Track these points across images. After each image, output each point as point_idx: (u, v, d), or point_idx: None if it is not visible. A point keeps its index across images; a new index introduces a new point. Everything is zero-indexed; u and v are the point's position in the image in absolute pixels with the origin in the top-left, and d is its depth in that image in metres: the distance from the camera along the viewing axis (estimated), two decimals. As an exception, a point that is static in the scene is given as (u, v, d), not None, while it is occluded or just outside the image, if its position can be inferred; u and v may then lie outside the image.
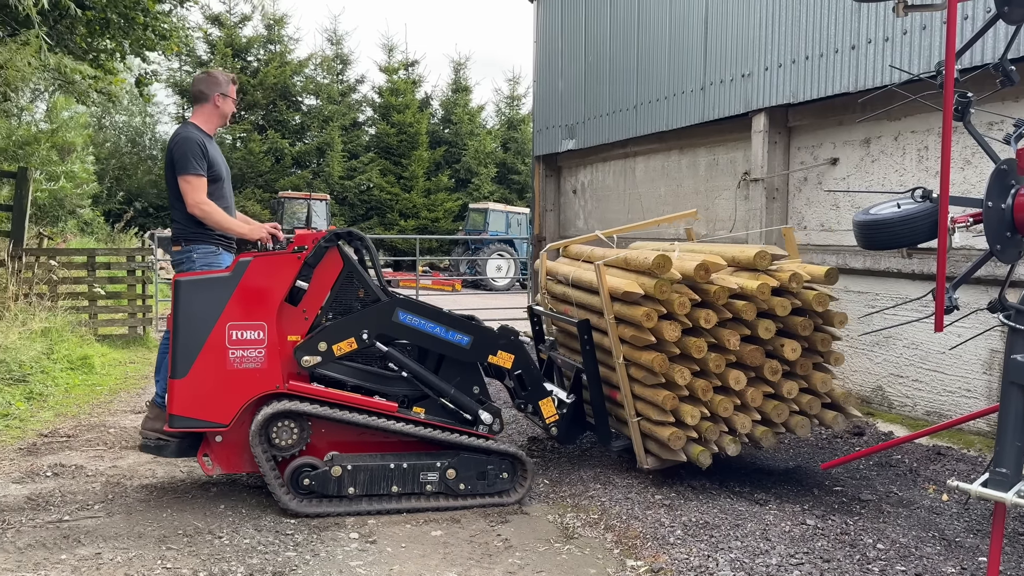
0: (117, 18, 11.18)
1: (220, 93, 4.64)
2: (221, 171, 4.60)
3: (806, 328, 4.45)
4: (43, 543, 3.65)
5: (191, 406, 4.07)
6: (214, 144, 4.65)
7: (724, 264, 4.51)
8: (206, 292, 4.10)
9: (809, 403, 4.53)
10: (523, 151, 32.59)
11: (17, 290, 8.80)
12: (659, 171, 9.60)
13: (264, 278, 4.14)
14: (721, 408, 4.39)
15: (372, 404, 4.22)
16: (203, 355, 4.07)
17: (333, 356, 4.21)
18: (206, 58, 28.04)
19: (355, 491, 4.19)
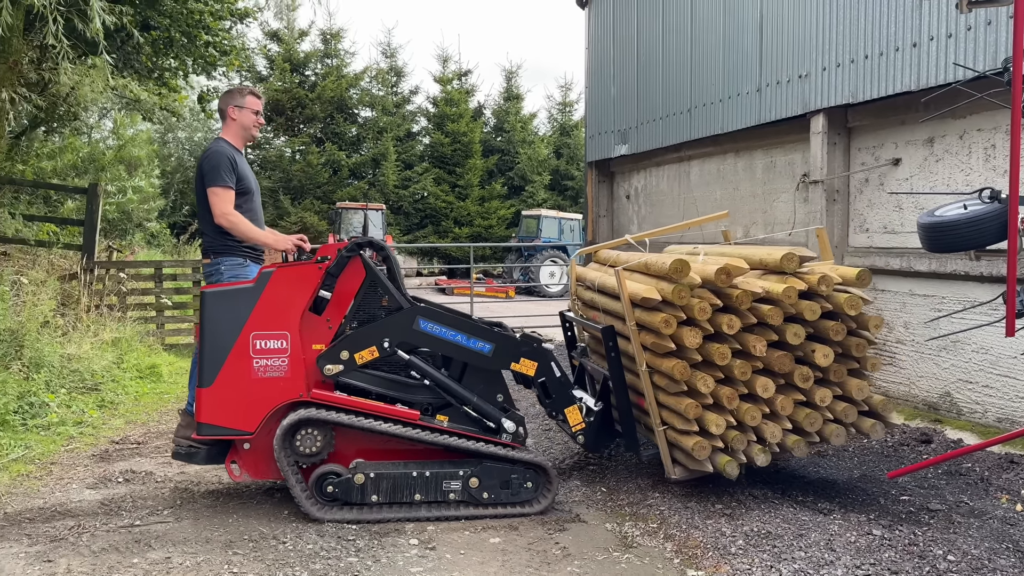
0: (180, 36, 11.55)
1: (234, 105, 4.68)
2: (250, 185, 4.66)
3: (838, 333, 4.29)
4: (116, 547, 3.78)
5: (217, 414, 4.16)
6: (243, 158, 4.72)
7: (746, 268, 4.35)
8: (231, 303, 4.18)
9: (844, 411, 4.36)
10: (576, 157, 32.54)
11: (89, 302, 9.14)
12: (715, 174, 9.49)
13: (286, 289, 4.21)
14: (748, 416, 4.23)
15: (394, 412, 4.25)
16: (228, 364, 4.15)
17: (355, 364, 4.25)
18: (266, 73, 28.73)
19: (378, 499, 4.23)
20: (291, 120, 28.58)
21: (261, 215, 4.82)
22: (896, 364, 6.80)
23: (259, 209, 4.80)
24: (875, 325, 4.33)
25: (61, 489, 4.68)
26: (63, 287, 9.11)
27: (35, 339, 6.98)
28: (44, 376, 6.66)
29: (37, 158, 15.03)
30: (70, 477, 4.93)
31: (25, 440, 5.57)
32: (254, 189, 4.72)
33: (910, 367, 6.66)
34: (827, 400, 4.31)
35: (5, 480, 4.80)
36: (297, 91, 28.14)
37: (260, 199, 4.88)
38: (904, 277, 6.71)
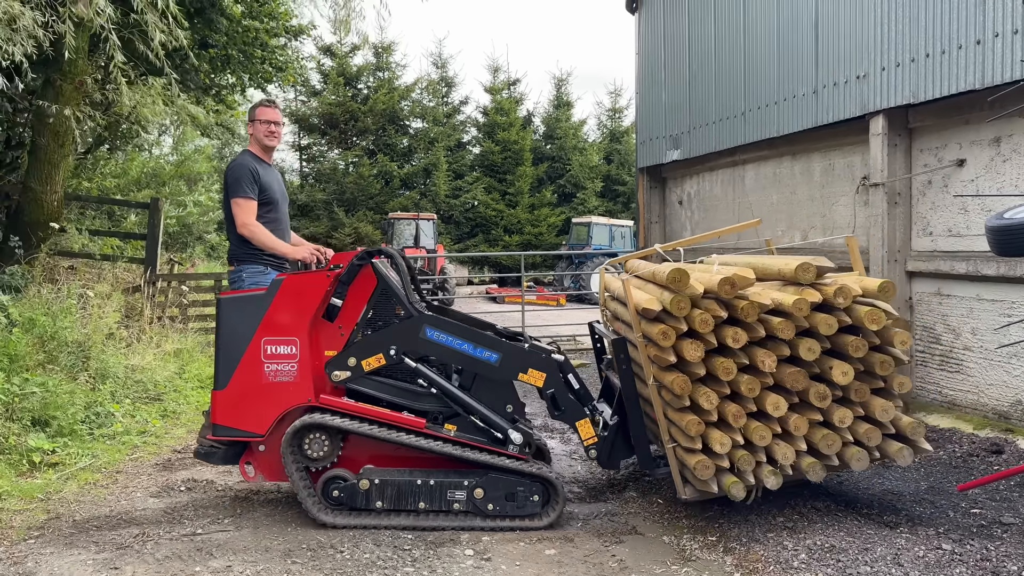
0: (237, 54, 11.85)
1: (249, 120, 4.84)
2: (274, 195, 4.74)
3: (858, 349, 3.97)
4: (179, 555, 3.85)
5: (231, 416, 4.30)
6: (269, 170, 4.80)
7: (752, 278, 4.03)
8: (244, 309, 4.32)
9: (867, 433, 4.03)
10: (627, 163, 32.35)
11: (152, 314, 9.40)
12: (770, 178, 9.32)
13: (296, 296, 4.30)
14: (756, 435, 3.97)
15: (400, 419, 4.28)
16: (241, 368, 4.28)
17: (363, 371, 4.31)
18: (319, 87, 29.25)
19: (383, 505, 4.27)
20: (344, 133, 29.04)
21: (286, 224, 4.90)
22: (964, 372, 6.57)
23: (284, 218, 4.87)
24: (901, 341, 3.96)
25: (126, 497, 4.80)
26: (127, 300, 9.38)
27: (101, 351, 7.20)
28: (109, 387, 6.85)
29: (101, 175, 15.54)
30: (134, 486, 5.06)
31: (92, 449, 5.73)
32: (279, 199, 4.80)
33: (978, 375, 6.42)
34: (847, 421, 4.00)
35: (74, 488, 4.95)
36: (350, 104, 28.59)
37: (287, 209, 4.96)
38: (971, 282, 6.48)
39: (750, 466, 4.01)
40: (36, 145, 9.26)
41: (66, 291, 7.99)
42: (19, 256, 8.60)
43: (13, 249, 8.71)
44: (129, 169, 18.02)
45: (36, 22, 6.37)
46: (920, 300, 7.00)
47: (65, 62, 8.58)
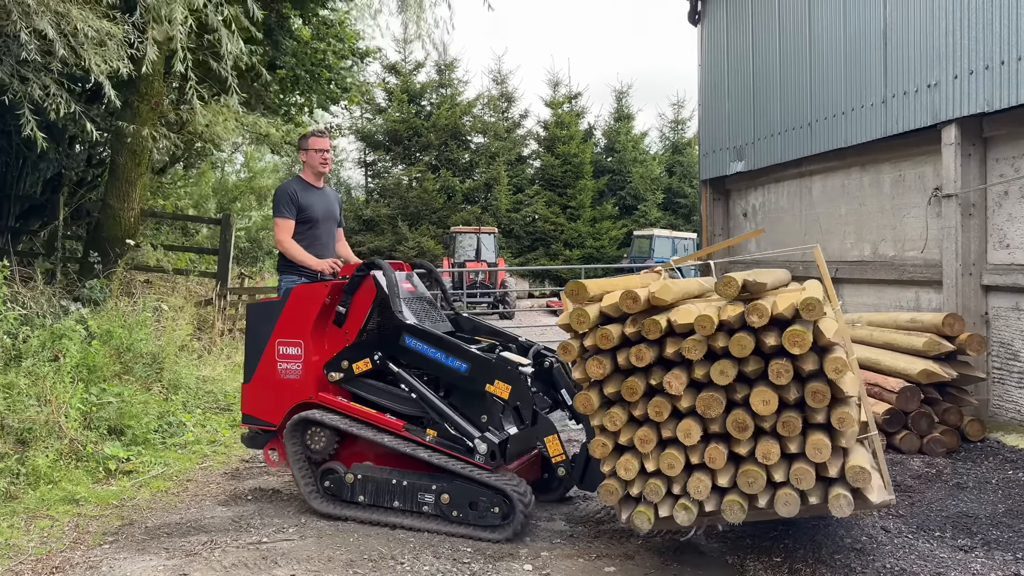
0: (304, 74, 12.19)
1: (302, 148, 5.34)
2: (314, 215, 5.23)
3: (780, 375, 3.42)
4: (245, 563, 3.95)
5: (254, 407, 4.89)
6: (315, 192, 5.30)
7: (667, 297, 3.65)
8: (264, 313, 4.89)
9: (797, 474, 3.44)
10: (689, 175, 32.01)
11: (222, 326, 9.69)
12: (838, 190, 9.10)
13: (301, 302, 4.78)
14: (665, 464, 3.58)
15: (381, 420, 4.54)
16: (261, 365, 4.84)
17: (353, 374, 4.63)
18: (384, 105, 29.82)
19: (364, 500, 4.56)
20: (408, 149, 29.51)
21: (325, 240, 5.35)
22: (1046, 390, 6.27)
23: (324, 236, 5.34)
24: (835, 369, 3.37)
25: (196, 505, 4.95)
26: (199, 312, 9.69)
27: (174, 362, 7.45)
28: (181, 397, 7.08)
29: (176, 193, 16.13)
30: (204, 494, 5.21)
31: (164, 458, 5.93)
32: (319, 218, 5.27)
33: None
34: (771, 457, 3.45)
35: (146, 495, 5.12)
36: (414, 120, 29.06)
37: (332, 227, 5.44)
38: (1053, 295, 6.20)
39: (657, 497, 3.64)
40: (115, 164, 9.67)
41: (142, 304, 8.30)
42: (98, 271, 8.98)
43: (93, 264, 9.10)
44: (202, 186, 18.65)
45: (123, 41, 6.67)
46: (997, 315, 6.72)
47: (142, 83, 8.96)
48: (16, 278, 7.51)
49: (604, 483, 3.77)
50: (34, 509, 4.69)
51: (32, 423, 5.35)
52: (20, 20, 6.00)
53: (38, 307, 7.42)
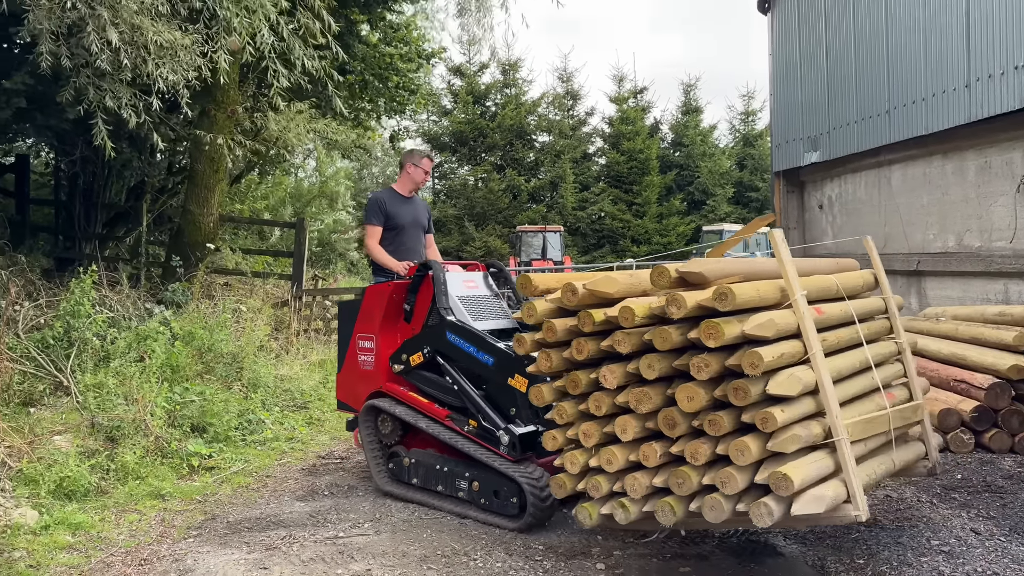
0: (372, 79, 12.39)
1: (411, 163, 5.88)
2: (400, 222, 5.71)
3: (700, 370, 3.21)
4: (322, 557, 4.03)
5: (343, 394, 5.41)
6: (404, 201, 5.82)
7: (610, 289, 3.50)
8: (349, 311, 5.38)
9: (723, 477, 3.18)
10: (760, 167, 31.33)
11: (298, 327, 9.93)
12: (919, 179, 8.76)
13: (372, 300, 5.22)
14: (604, 459, 3.48)
15: (431, 409, 4.80)
16: (347, 357, 5.33)
17: (411, 366, 4.93)
18: (450, 107, 30.09)
19: (416, 482, 4.89)
20: (473, 149, 29.71)
21: (412, 246, 5.79)
22: None
23: (408, 241, 5.79)
24: (751, 363, 3.13)
25: (275, 500, 5.08)
26: (276, 313, 9.95)
27: (252, 361, 7.66)
28: (260, 395, 7.28)
29: (252, 197, 16.61)
30: (282, 489, 5.34)
31: (244, 454, 6.10)
32: (406, 225, 5.76)
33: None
34: (699, 458, 3.24)
35: (228, 491, 5.28)
36: (479, 121, 29.23)
37: (419, 233, 5.87)
38: None
39: (598, 492, 3.56)
40: (194, 171, 10.01)
41: (221, 306, 8.57)
42: (180, 274, 9.31)
43: (175, 268, 9.44)
44: (277, 191, 19.17)
45: (196, 52, 6.90)
46: (1096, 307, 6.36)
47: (218, 92, 9.25)
48: (104, 282, 7.84)
49: (554, 477, 3.79)
50: (123, 503, 4.89)
51: (120, 421, 5.57)
52: (94, 32, 6.26)
53: (124, 310, 7.74)
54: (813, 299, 3.63)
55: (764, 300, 3.38)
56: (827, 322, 3.71)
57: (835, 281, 3.95)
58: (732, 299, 3.18)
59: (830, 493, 3.14)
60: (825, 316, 3.67)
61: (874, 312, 4.21)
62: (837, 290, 3.92)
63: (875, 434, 3.67)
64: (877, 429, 3.67)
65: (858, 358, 3.80)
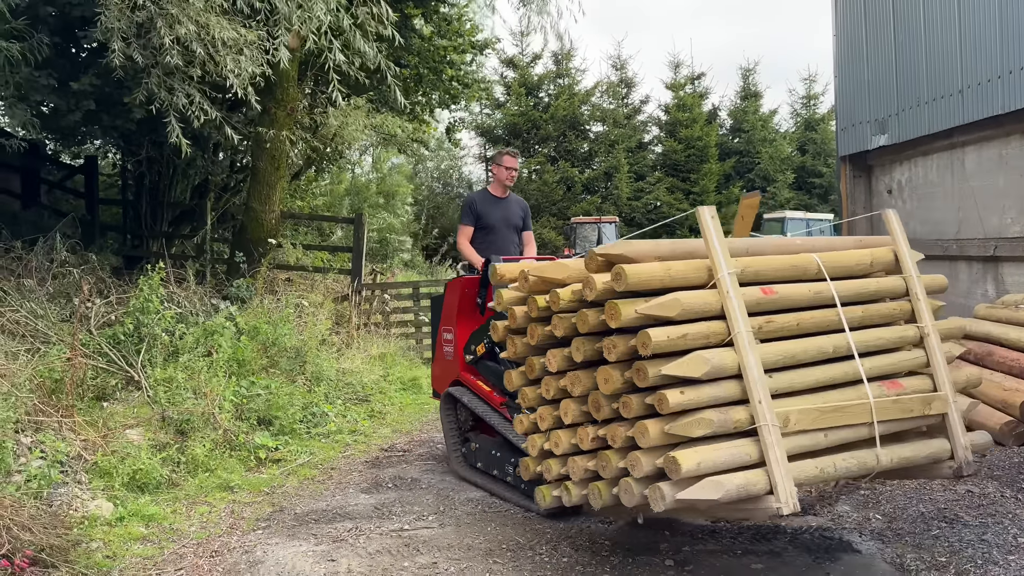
0: (427, 72, 12.41)
1: (495, 164, 6.16)
2: (491, 221, 5.94)
3: (610, 351, 3.22)
4: (388, 550, 4.05)
5: (435, 381, 5.77)
6: (495, 202, 6.02)
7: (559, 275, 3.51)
8: (437, 304, 5.83)
9: (631, 461, 3.16)
10: (823, 152, 30.50)
11: (358, 321, 10.03)
12: (995, 161, 8.38)
13: (450, 295, 5.55)
14: (553, 443, 3.53)
15: (489, 396, 4.98)
16: (436, 347, 5.70)
17: (478, 355, 5.10)
18: (503, 99, 30.04)
19: (480, 466, 5.16)
20: (527, 141, 29.60)
21: (502, 245, 5.92)
22: None
23: (499, 240, 5.96)
24: (642, 343, 3.09)
25: (340, 493, 5.13)
26: (336, 308, 10.07)
27: (315, 355, 7.77)
28: (323, 389, 7.37)
29: (312, 194, 16.84)
30: (347, 482, 5.39)
31: (309, 447, 6.18)
32: (496, 224, 5.97)
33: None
34: (617, 440, 3.24)
35: (294, 483, 5.35)
36: (532, 113, 29.11)
37: (507, 233, 6.05)
38: None
39: (551, 474, 3.62)
40: (255, 168, 10.17)
41: (284, 301, 8.70)
42: (244, 270, 9.48)
43: (239, 264, 9.61)
44: (336, 189, 19.41)
45: (260, 48, 7.00)
46: None
47: (278, 89, 9.37)
48: (171, 279, 8.03)
49: (522, 459, 3.89)
50: (194, 495, 4.99)
51: (190, 414, 5.69)
52: (164, 29, 6.39)
53: (191, 306, 7.90)
54: (771, 279, 3.47)
55: (677, 280, 3.27)
56: (782, 303, 3.45)
57: (814, 260, 3.60)
58: (625, 279, 3.15)
59: (738, 481, 3.01)
60: (778, 297, 3.42)
61: (884, 293, 3.82)
62: (818, 270, 3.60)
63: (839, 425, 3.35)
64: (845, 420, 3.35)
65: (832, 343, 3.50)
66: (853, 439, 3.42)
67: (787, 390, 3.33)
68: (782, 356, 3.34)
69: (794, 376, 3.37)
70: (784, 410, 3.21)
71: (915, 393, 3.64)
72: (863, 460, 3.40)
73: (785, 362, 3.35)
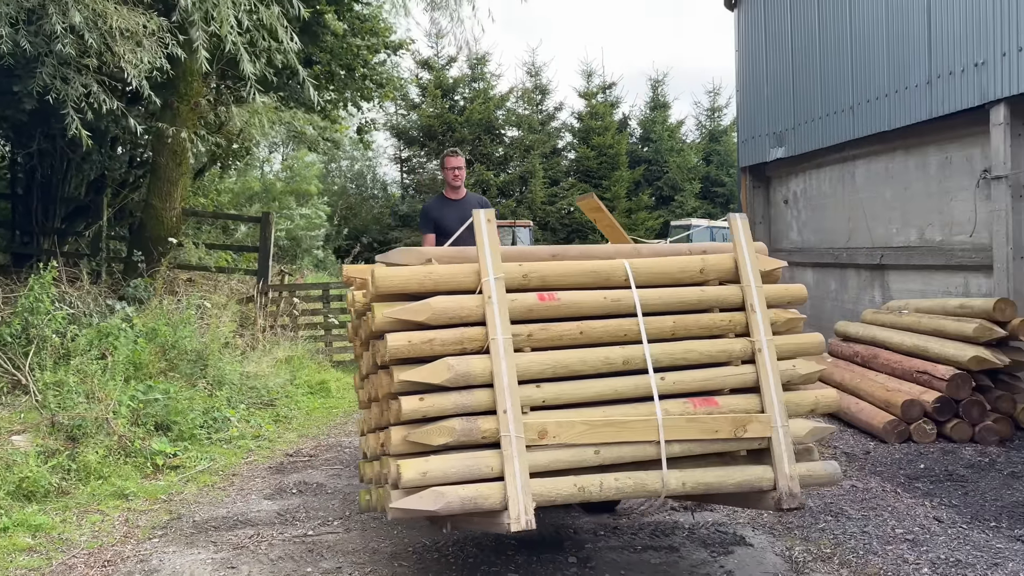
0: (339, 70, 12.25)
1: (442, 168, 6.03)
2: (446, 226, 5.66)
3: (378, 356, 3.20)
4: (291, 556, 3.98)
5: None
6: (448, 205, 5.87)
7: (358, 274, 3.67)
8: None
9: (386, 468, 3.13)
10: (726, 163, 31.64)
11: (264, 323, 9.80)
12: (882, 174, 8.90)
13: None
14: (364, 445, 3.57)
15: None
16: None
17: None
18: (418, 101, 29.91)
19: None
20: (442, 144, 29.53)
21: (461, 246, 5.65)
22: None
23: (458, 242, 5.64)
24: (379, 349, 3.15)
25: (242, 499, 5.01)
26: (241, 310, 9.81)
27: (218, 358, 7.55)
28: (226, 393, 7.17)
29: (216, 192, 16.35)
30: (249, 488, 5.27)
31: (210, 453, 6.01)
32: (451, 227, 5.70)
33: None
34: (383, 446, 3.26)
35: (193, 490, 5.20)
36: (447, 115, 29.08)
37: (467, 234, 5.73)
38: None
39: (365, 478, 3.61)
40: (156, 164, 9.82)
41: (185, 302, 8.43)
42: (142, 270, 9.13)
43: (136, 263, 9.25)
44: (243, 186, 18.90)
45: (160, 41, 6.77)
46: (1053, 299, 6.52)
47: (181, 83, 9.08)
48: (63, 278, 7.66)
49: (360, 462, 3.87)
50: (85, 504, 4.78)
51: (82, 420, 5.45)
52: (57, 16, 6.10)
53: (84, 306, 7.57)
54: (562, 285, 3.32)
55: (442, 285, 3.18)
56: (566, 311, 3.27)
57: (623, 267, 3.39)
58: (374, 283, 3.14)
59: (464, 494, 2.90)
60: (560, 303, 3.26)
61: (712, 304, 3.46)
62: (624, 277, 3.38)
63: (616, 441, 3.12)
64: (624, 436, 3.12)
65: (624, 354, 3.26)
66: (639, 458, 3.17)
67: (556, 402, 3.16)
68: (552, 366, 3.17)
69: (567, 387, 3.19)
70: (540, 421, 3.05)
71: (726, 413, 3.28)
72: (643, 482, 3.14)
73: (556, 372, 3.18)
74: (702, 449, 3.24)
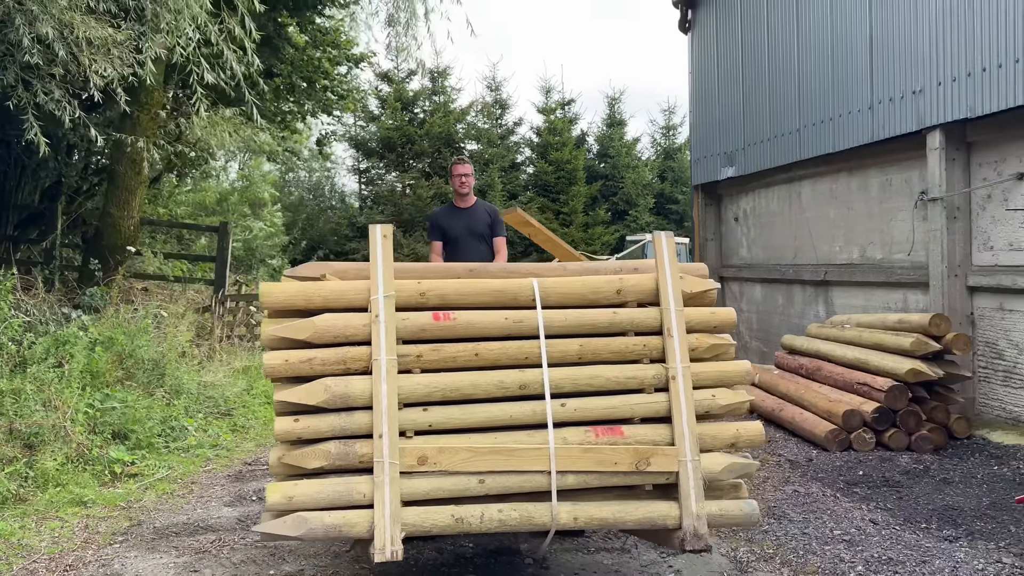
0: (300, 82, 12.32)
1: (450, 176, 5.96)
2: (451, 234, 5.78)
3: None
4: (253, 560, 4.06)
5: None
6: (455, 213, 5.81)
7: None
8: None
9: None
10: (680, 180, 32.25)
11: (221, 333, 9.78)
12: (827, 195, 9.28)
13: None
14: None
15: None
16: None
17: None
18: (377, 113, 29.96)
19: None
20: (401, 156, 29.61)
21: (467, 254, 5.66)
22: (1030, 388, 6.44)
23: (465, 249, 5.75)
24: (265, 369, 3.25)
25: (202, 506, 5.05)
26: (198, 319, 9.78)
27: (175, 368, 7.54)
28: (183, 402, 7.17)
29: (175, 201, 16.20)
30: (209, 495, 5.31)
31: (168, 461, 6.03)
32: (457, 236, 5.79)
33: None
34: None
35: (152, 497, 5.22)
36: (407, 128, 29.16)
37: (472, 242, 5.81)
38: (1036, 296, 6.37)
39: None
40: (114, 172, 9.76)
41: (142, 311, 8.38)
42: (98, 278, 9.06)
43: (92, 272, 9.18)
44: (201, 196, 18.74)
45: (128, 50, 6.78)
46: (982, 315, 6.89)
47: (143, 93, 9.07)
48: (18, 286, 7.58)
49: None
50: (44, 511, 4.79)
51: (39, 428, 5.44)
52: (23, 26, 6.10)
53: (40, 314, 7.49)
54: (462, 304, 3.24)
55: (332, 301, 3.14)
56: (461, 332, 3.19)
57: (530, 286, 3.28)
58: (262, 298, 3.19)
59: (329, 520, 2.86)
60: (455, 324, 3.17)
61: (626, 327, 3.33)
62: (532, 297, 3.27)
63: (503, 470, 3.02)
64: (512, 466, 3.01)
65: (521, 379, 3.15)
66: (529, 488, 3.05)
67: (444, 426, 3.06)
68: (441, 389, 3.08)
69: (455, 412, 3.10)
70: (420, 447, 2.96)
71: (630, 444, 3.13)
72: (530, 514, 3.02)
73: (446, 395, 3.08)
74: (599, 481, 3.09)
